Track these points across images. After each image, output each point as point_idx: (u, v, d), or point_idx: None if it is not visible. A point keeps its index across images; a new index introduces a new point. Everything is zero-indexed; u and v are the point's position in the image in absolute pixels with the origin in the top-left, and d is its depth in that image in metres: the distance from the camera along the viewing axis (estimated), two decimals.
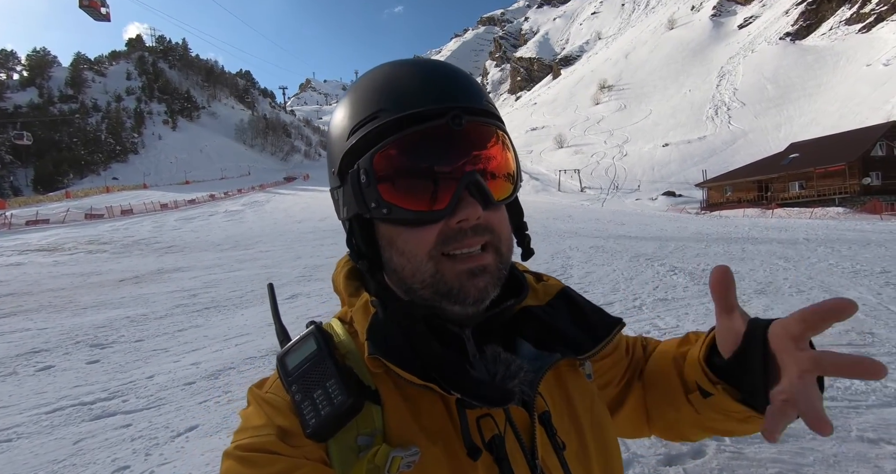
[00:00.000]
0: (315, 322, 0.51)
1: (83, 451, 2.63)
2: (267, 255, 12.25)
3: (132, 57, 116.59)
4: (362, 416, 0.44)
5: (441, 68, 0.48)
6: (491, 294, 0.47)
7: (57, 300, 7.31)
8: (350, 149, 0.47)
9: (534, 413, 0.48)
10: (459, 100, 0.46)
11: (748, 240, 12.03)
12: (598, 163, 61.69)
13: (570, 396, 0.53)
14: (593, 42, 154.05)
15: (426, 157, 0.45)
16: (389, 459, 0.41)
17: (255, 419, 0.45)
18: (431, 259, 0.46)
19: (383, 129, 0.45)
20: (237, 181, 68.76)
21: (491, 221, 0.47)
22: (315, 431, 0.41)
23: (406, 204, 0.45)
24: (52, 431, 2.90)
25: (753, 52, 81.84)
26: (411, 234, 0.46)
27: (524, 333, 0.53)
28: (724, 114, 66.42)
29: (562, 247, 11.21)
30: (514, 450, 0.46)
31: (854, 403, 2.79)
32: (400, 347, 0.45)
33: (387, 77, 0.48)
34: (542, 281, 0.60)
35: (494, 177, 0.47)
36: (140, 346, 4.79)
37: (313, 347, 0.47)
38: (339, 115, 0.50)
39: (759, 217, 25.73)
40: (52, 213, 27.61)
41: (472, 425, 0.45)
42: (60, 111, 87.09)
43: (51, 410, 3.21)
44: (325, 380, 0.43)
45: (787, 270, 7.45)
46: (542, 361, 0.49)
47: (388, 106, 0.45)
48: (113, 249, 14.72)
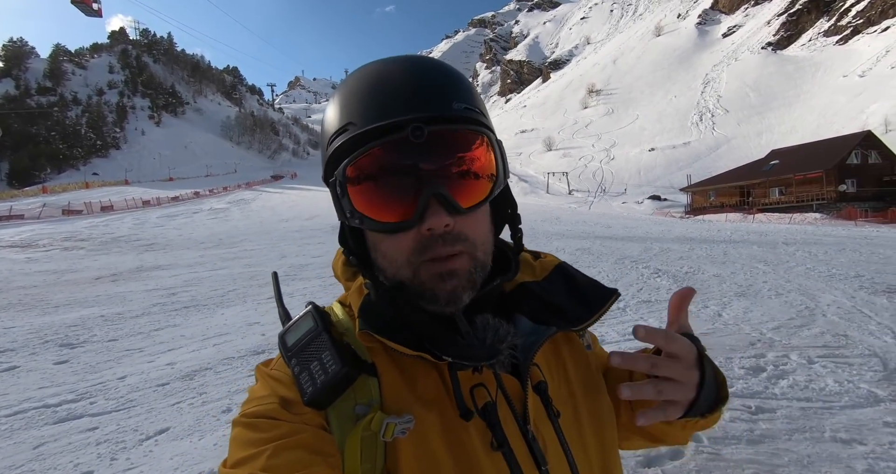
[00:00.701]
0: (312, 302, 0.53)
1: (44, 456, 2.51)
2: (251, 254, 12.04)
3: (115, 50, 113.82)
4: (360, 387, 0.46)
5: (407, 75, 0.48)
6: (463, 296, 0.48)
7: (27, 298, 7.04)
8: (329, 159, 0.50)
9: (527, 381, 0.50)
10: (426, 108, 0.46)
11: (730, 244, 12.27)
12: (586, 167, 62.41)
13: (565, 366, 0.55)
14: (582, 46, 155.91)
15: (391, 170, 0.46)
16: (384, 425, 0.43)
17: (259, 391, 0.48)
18: (410, 265, 0.48)
19: (352, 142, 0.47)
20: (223, 178, 67.60)
21: (463, 229, 0.48)
22: (312, 399, 0.44)
23: (375, 215, 0.47)
24: (10, 435, 2.76)
25: (737, 61, 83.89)
26: (391, 241, 0.48)
27: (521, 309, 0.54)
28: (708, 120, 67.90)
29: (549, 249, 11.08)
30: (506, 417, 0.48)
31: (827, 404, 2.83)
32: (390, 322, 0.48)
33: (361, 84, 0.49)
34: (539, 258, 0.61)
35: (464, 184, 0.48)
36: (113, 346, 4.63)
37: (311, 324, 0.50)
38: (324, 117, 0.52)
39: (740, 221, 26.33)
40: (27, 209, 26.70)
41: (466, 393, 0.47)
42: (38, 104, 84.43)
43: (11, 413, 3.06)
44: (321, 353, 0.46)
45: (766, 274, 7.60)
46: (539, 334, 0.52)
47: (355, 119, 0.47)
48: (90, 246, 14.30)
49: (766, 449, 2.32)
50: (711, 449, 2.31)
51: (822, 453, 2.28)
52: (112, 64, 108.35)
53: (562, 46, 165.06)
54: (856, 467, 2.16)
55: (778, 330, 4.46)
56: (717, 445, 2.35)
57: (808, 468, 2.17)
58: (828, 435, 2.45)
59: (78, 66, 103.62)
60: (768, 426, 2.56)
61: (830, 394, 2.96)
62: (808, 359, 3.58)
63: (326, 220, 21.00)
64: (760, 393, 3.00)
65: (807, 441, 2.40)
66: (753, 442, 2.38)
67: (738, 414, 2.69)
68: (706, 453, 2.28)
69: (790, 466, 2.19)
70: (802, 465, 2.19)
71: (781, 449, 2.33)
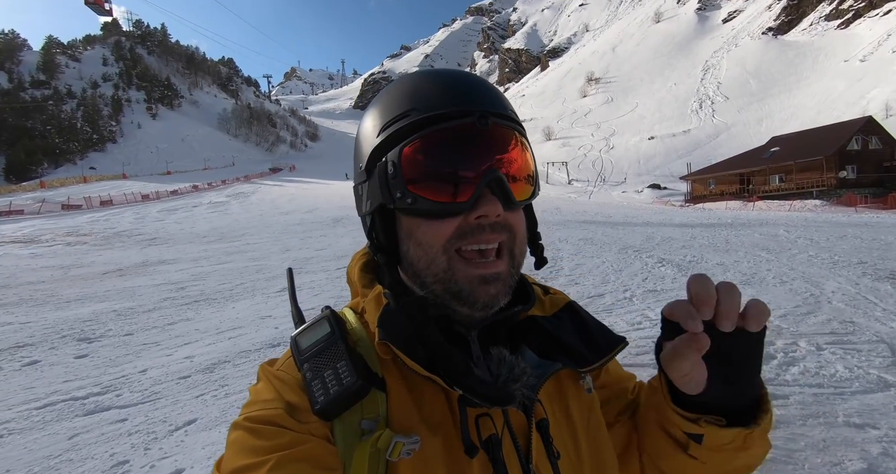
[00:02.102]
0: (330, 307, 0.53)
1: (79, 446, 2.58)
2: (254, 248, 12.06)
3: (108, 42, 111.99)
4: (368, 401, 0.45)
5: (469, 76, 0.52)
6: (501, 301, 0.48)
7: (38, 293, 7.09)
8: (379, 145, 0.50)
9: (532, 418, 0.49)
10: (486, 104, 0.48)
11: (732, 232, 12.33)
12: (586, 156, 62.19)
13: (568, 406, 0.54)
14: (581, 34, 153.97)
15: (452, 153, 0.47)
16: (392, 444, 0.42)
17: (264, 393, 0.46)
18: (446, 252, 0.47)
19: (413, 127, 0.47)
20: (221, 172, 67.19)
21: (510, 221, 0.49)
22: (323, 408, 0.43)
23: (430, 195, 0.47)
24: (44, 427, 2.83)
25: (737, 47, 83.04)
26: (430, 226, 0.48)
27: (528, 341, 0.54)
28: (708, 107, 67.48)
29: (551, 240, 11.30)
30: (509, 452, 0.47)
31: (839, 390, 2.90)
32: (408, 337, 0.47)
33: (417, 82, 0.51)
34: (549, 293, 0.61)
35: (515, 180, 0.49)
36: (129, 340, 4.69)
37: (327, 330, 0.49)
38: (369, 116, 0.53)
39: (741, 209, 26.37)
40: (26, 204, 26.60)
41: (471, 422, 0.46)
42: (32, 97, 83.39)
43: (41, 405, 3.13)
44: (336, 361, 0.45)
45: (769, 262, 7.66)
46: (544, 369, 0.51)
47: (418, 105, 0.48)
48: (93, 241, 14.30)
49: (782, 434, 2.39)
50: None
51: (837, 437, 2.36)
52: (106, 56, 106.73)
53: (560, 34, 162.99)
54: (871, 450, 2.23)
55: (785, 317, 4.53)
56: None
57: (824, 452, 2.25)
58: (841, 419, 2.53)
59: (71, 58, 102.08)
60: (782, 412, 2.63)
61: (841, 380, 3.03)
62: (816, 346, 3.65)
63: (326, 213, 20.98)
64: (772, 379, 3.07)
65: (821, 426, 2.47)
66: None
67: None
68: None
69: (806, 450, 2.26)
70: (818, 449, 2.26)
71: (797, 434, 2.40)
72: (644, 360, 3.47)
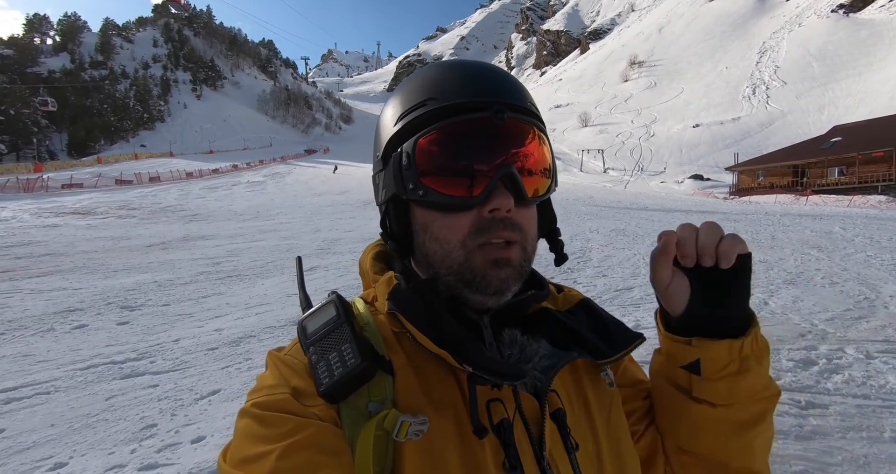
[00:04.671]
0: (336, 291, 0.52)
1: (114, 408, 2.77)
2: (287, 227, 12.43)
3: (158, 23, 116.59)
4: (374, 384, 0.44)
5: (489, 67, 0.51)
6: (512, 287, 0.48)
7: (90, 262, 7.62)
8: (396, 134, 0.50)
9: (545, 404, 0.48)
10: (504, 96, 0.48)
11: (779, 228, 11.54)
12: (624, 144, 59.59)
13: (586, 398, 0.53)
14: (626, 14, 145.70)
15: (467, 146, 0.47)
16: (398, 424, 0.42)
17: (270, 379, 0.46)
18: (464, 247, 0.47)
19: (430, 117, 0.47)
20: (259, 152, 69.41)
21: (520, 220, 0.48)
22: (327, 390, 0.43)
23: (441, 188, 0.47)
24: (85, 387, 3.05)
25: (800, 26, 76.05)
26: (446, 220, 0.48)
27: (542, 332, 0.53)
28: (762, 93, 62.63)
29: (581, 230, 10.98)
30: (521, 438, 0.46)
31: (888, 403, 2.67)
32: (418, 312, 0.46)
33: (437, 72, 0.51)
34: (562, 291, 0.60)
35: (530, 175, 0.49)
36: (166, 310, 4.97)
37: (333, 313, 0.49)
38: (388, 106, 0.53)
39: (792, 203, 24.61)
40: (85, 178, 28.56)
41: (482, 406, 0.45)
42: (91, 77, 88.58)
43: (85, 367, 3.37)
44: (341, 344, 0.45)
45: (819, 261, 7.12)
46: (559, 358, 0.50)
47: (436, 95, 0.48)
48: (141, 215, 15.19)
49: (817, 446, 2.22)
50: None
51: (881, 454, 2.17)
52: (156, 38, 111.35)
53: (603, 14, 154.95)
54: None
55: (832, 321, 4.21)
56: None
57: (864, 468, 2.07)
58: (888, 435, 2.32)
59: (126, 39, 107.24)
60: (820, 422, 2.44)
61: (891, 393, 2.78)
62: (866, 354, 3.37)
63: (357, 196, 21.27)
64: (811, 387, 2.86)
65: (863, 440, 2.28)
66: (803, 438, 2.29)
67: (786, 408, 2.59)
68: None
69: (844, 465, 2.10)
70: (858, 465, 2.09)
71: (834, 447, 2.23)
72: None
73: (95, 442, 2.40)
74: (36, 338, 4.04)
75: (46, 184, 24.22)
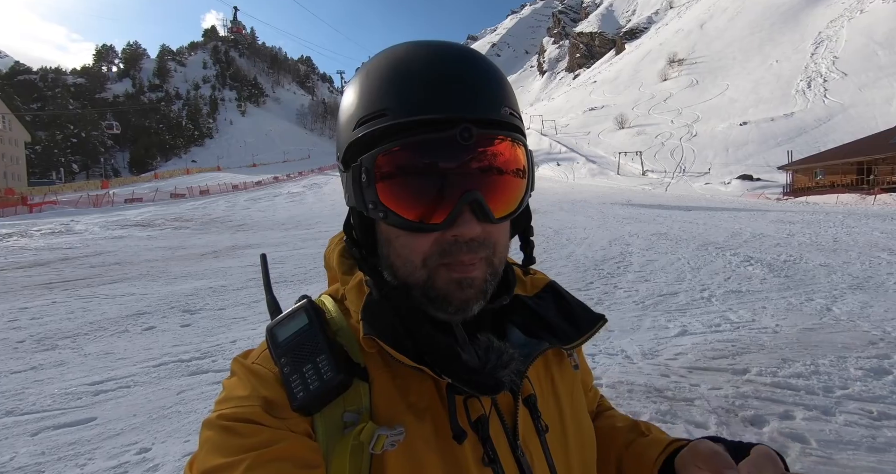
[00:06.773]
0: (307, 296, 0.51)
1: (185, 401, 3.02)
2: (326, 235, 12.89)
3: (208, 46, 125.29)
4: (350, 393, 0.44)
5: (459, 65, 0.44)
6: (473, 307, 0.46)
7: (153, 270, 8.27)
8: (354, 141, 0.45)
9: (518, 397, 0.49)
10: (472, 109, 0.42)
11: (842, 230, 10.74)
12: (663, 145, 57.34)
13: (554, 382, 0.55)
14: (664, 12, 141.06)
15: (429, 168, 0.43)
16: (374, 437, 0.41)
17: (239, 389, 0.44)
18: (425, 267, 0.45)
19: (388, 130, 0.43)
20: (298, 164, 72.63)
21: (488, 236, 0.45)
22: (302, 405, 0.41)
23: (403, 212, 0.43)
24: (159, 382, 3.34)
25: (862, 13, 70.64)
26: (409, 239, 0.45)
27: (513, 320, 0.54)
28: (818, 86, 58.48)
29: (620, 234, 10.70)
30: (497, 432, 0.47)
31: None
32: (393, 328, 0.45)
33: (399, 67, 0.44)
34: (529, 274, 0.61)
35: (501, 190, 0.45)
36: (222, 314, 5.33)
37: (305, 321, 0.47)
38: (348, 97, 0.47)
39: (857, 204, 22.76)
40: (145, 193, 30.97)
41: (460, 406, 0.45)
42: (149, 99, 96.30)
43: (157, 364, 3.69)
44: (316, 355, 0.43)
45: (891, 265, 6.59)
46: (531, 348, 0.51)
47: (394, 106, 0.42)
48: (194, 226, 16.28)
49: (893, 458, 2.10)
50: (822, 453, 2.14)
51: None
52: (206, 60, 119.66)
53: (640, 13, 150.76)
54: None
55: None
56: (828, 449, 2.17)
57: None
58: None
59: (179, 63, 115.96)
60: (892, 434, 2.30)
61: None
62: None
63: None
64: (885, 398, 2.69)
65: None
66: (876, 450, 2.16)
67: (856, 418, 2.45)
68: (815, 456, 2.12)
69: None
70: None
71: None
72: (721, 365, 3.21)
73: (172, 431, 2.63)
74: (114, 338, 4.46)
75: (112, 200, 26.50)
